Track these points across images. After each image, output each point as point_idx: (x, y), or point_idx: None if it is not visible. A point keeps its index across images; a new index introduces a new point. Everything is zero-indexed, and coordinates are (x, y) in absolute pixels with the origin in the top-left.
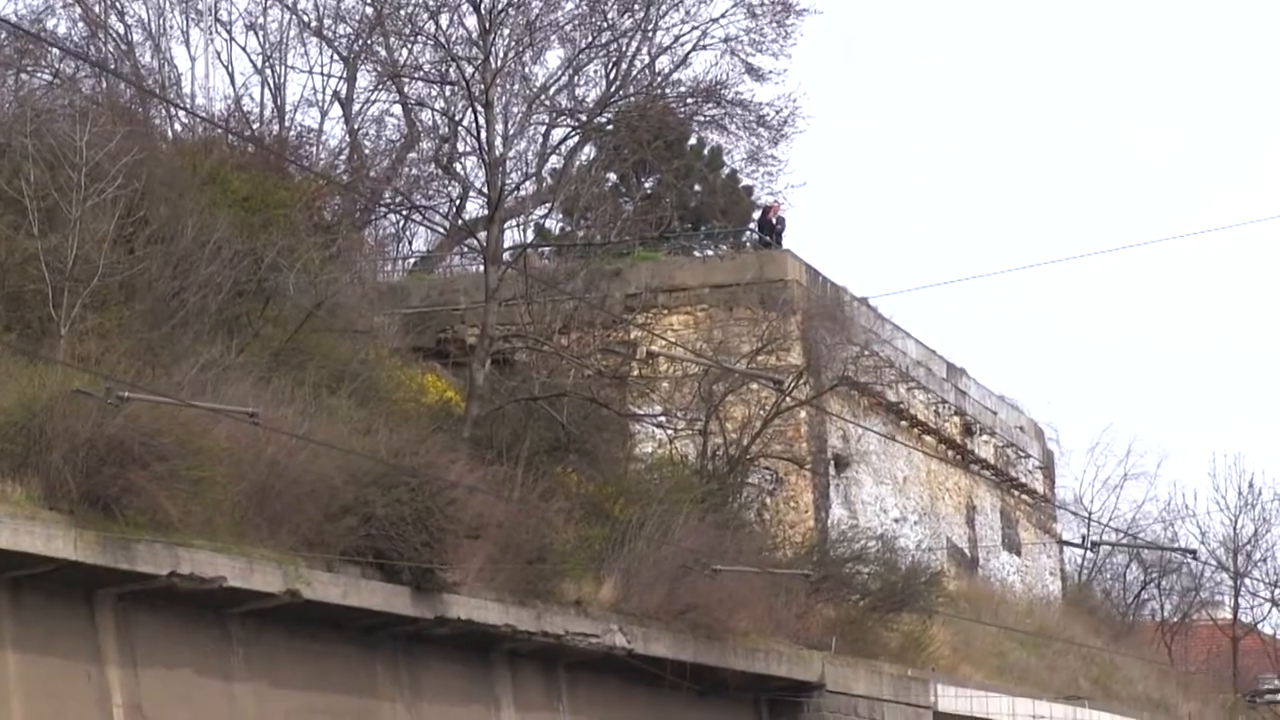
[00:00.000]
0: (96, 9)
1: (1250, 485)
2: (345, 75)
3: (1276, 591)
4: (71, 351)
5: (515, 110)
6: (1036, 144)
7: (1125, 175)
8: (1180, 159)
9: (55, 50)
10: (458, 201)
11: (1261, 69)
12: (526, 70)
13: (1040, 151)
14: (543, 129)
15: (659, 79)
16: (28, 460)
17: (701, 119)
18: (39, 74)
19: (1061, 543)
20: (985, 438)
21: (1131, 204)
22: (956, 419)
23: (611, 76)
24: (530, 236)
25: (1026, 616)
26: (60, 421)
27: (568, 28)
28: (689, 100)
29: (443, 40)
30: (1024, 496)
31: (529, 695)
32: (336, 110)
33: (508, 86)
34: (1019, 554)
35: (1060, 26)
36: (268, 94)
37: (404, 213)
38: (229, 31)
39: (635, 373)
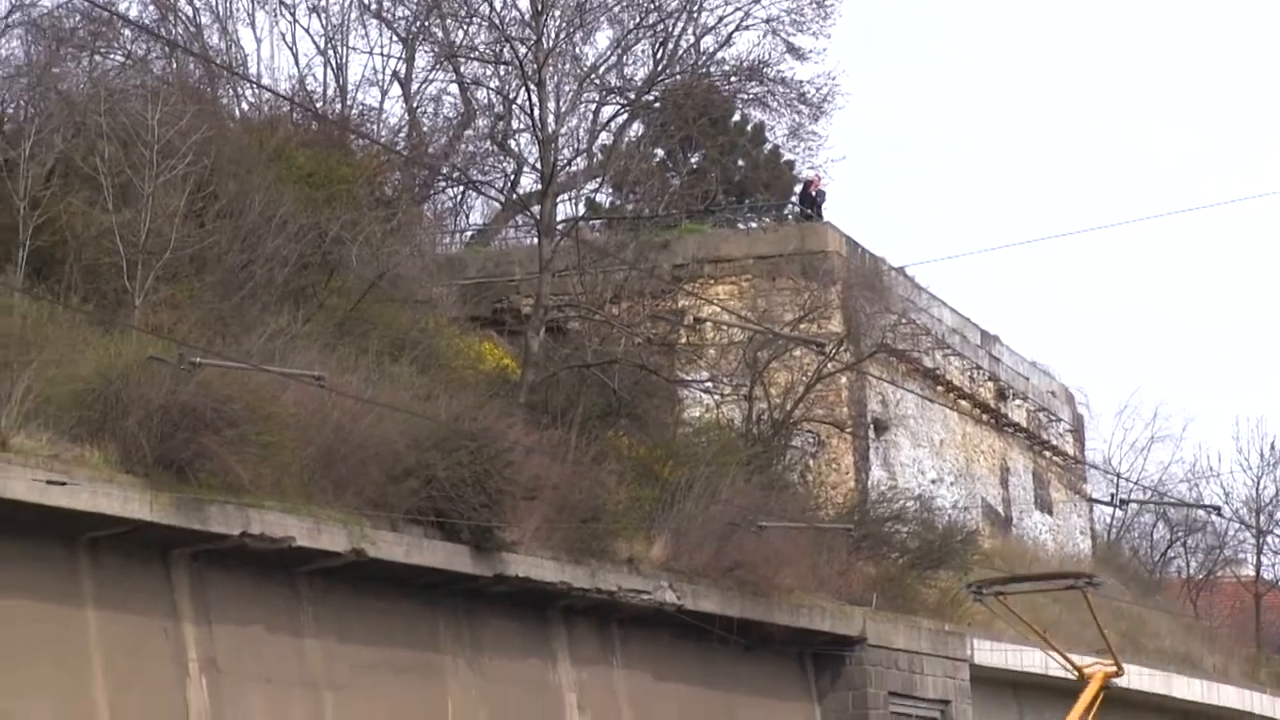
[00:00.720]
0: None
1: (1272, 447)
2: (404, 56)
3: None
4: (145, 321)
5: (567, 89)
6: (1049, 135)
7: (1137, 168)
8: (1191, 156)
9: (128, 32)
10: (512, 176)
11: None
12: (577, 50)
13: (1054, 142)
14: (593, 107)
15: (704, 58)
16: (105, 426)
17: (745, 97)
18: (112, 55)
19: (1091, 502)
20: (1018, 402)
21: (1147, 191)
22: (990, 384)
23: (659, 56)
24: (582, 210)
25: (1061, 572)
26: (135, 388)
27: (616, 9)
28: (733, 79)
29: (497, 22)
30: (1055, 458)
31: (584, 649)
32: (396, 89)
33: (559, 66)
34: (1051, 513)
35: (1076, 22)
36: (330, 74)
37: (461, 187)
38: (293, 14)
39: (683, 340)
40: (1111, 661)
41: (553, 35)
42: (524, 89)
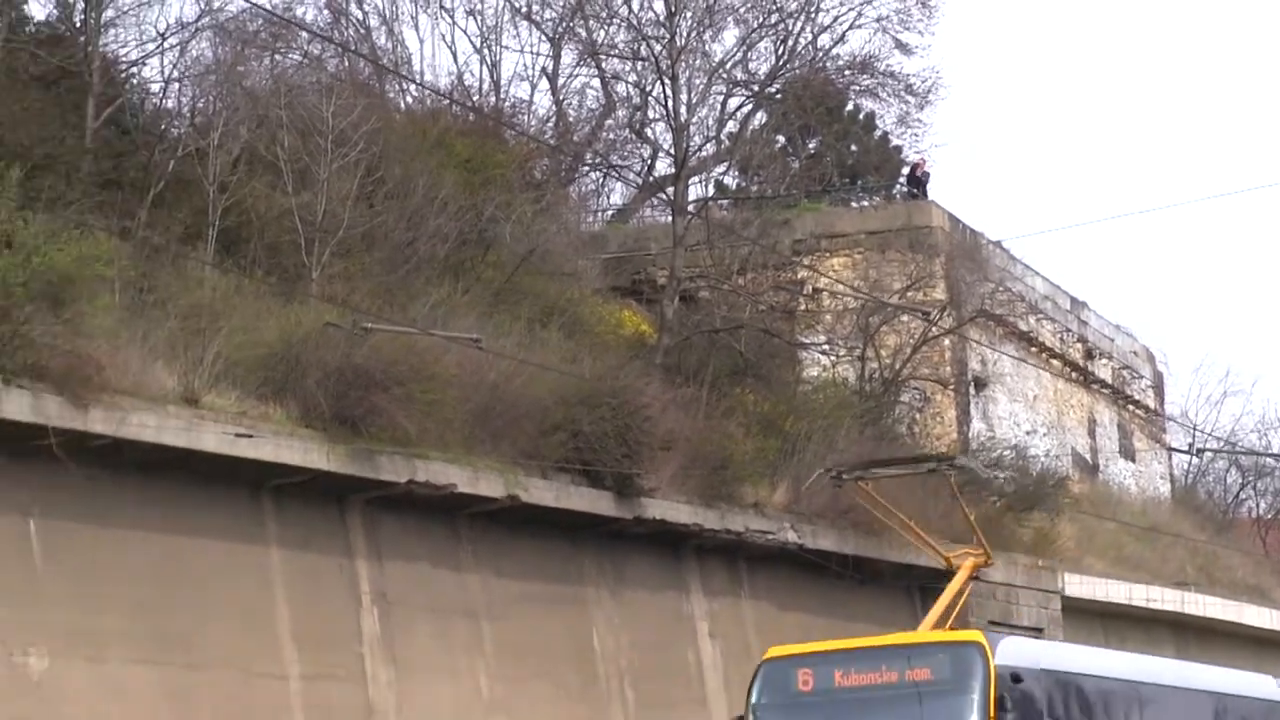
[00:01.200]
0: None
1: None
2: (551, 53)
3: None
4: (322, 292)
5: (697, 82)
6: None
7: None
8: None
9: (304, 34)
10: (648, 161)
11: None
12: (707, 47)
13: (1135, 119)
14: (721, 98)
15: (820, 54)
16: (286, 385)
17: (857, 88)
18: (291, 55)
19: (1170, 450)
20: (1104, 361)
21: (1219, 166)
22: (1079, 345)
23: (780, 52)
24: (711, 191)
25: (1140, 514)
26: (314, 352)
27: (742, 10)
28: (846, 72)
29: (634, 22)
30: (1137, 411)
31: (714, 584)
32: (544, 84)
33: (690, 62)
34: (1134, 461)
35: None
36: (485, 71)
37: (603, 172)
38: (451, 17)
39: (802, 308)
40: (980, 550)
41: (685, 34)
42: (659, 83)
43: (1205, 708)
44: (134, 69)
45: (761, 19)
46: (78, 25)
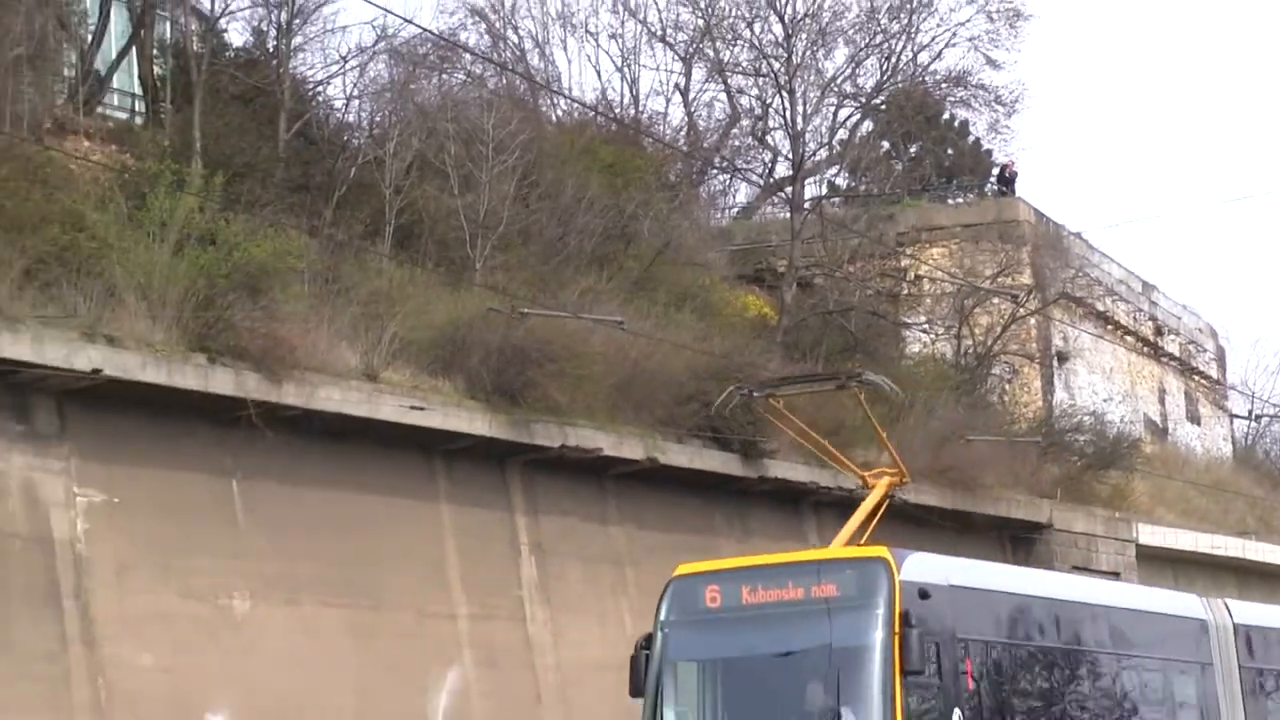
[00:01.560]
0: (497, 24)
1: None
2: (683, 71)
3: None
4: (484, 281)
5: (812, 95)
6: (1198, 109)
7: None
8: None
9: (467, 55)
10: (769, 165)
11: None
12: (820, 65)
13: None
14: (832, 109)
15: (920, 69)
16: (453, 363)
17: (952, 99)
18: (456, 74)
19: (1231, 415)
20: (1172, 337)
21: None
22: (1149, 323)
23: (884, 68)
24: (824, 190)
25: (1205, 472)
26: (477, 334)
27: (851, 31)
28: (942, 85)
29: (756, 43)
30: (1202, 381)
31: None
32: (677, 98)
33: (806, 77)
34: (1199, 424)
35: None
36: (625, 86)
37: (729, 174)
38: (596, 40)
39: (905, 292)
40: (896, 470)
41: (800, 53)
42: (778, 96)
43: (1123, 624)
44: (320, 88)
45: (868, 39)
46: (271, 50)
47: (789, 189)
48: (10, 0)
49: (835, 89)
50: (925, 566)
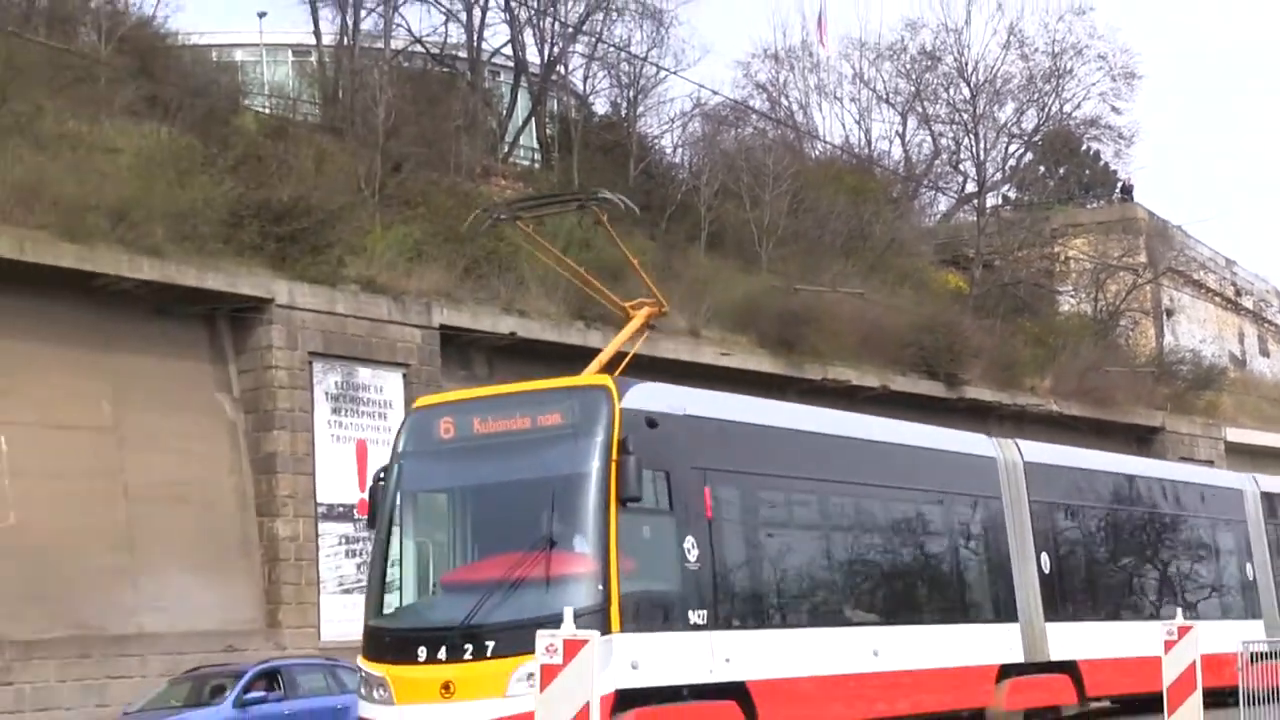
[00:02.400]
0: (774, 93)
1: None
2: (901, 122)
3: None
4: (768, 268)
5: (989, 136)
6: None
7: None
8: None
9: (754, 114)
10: (961, 184)
11: None
12: (995, 115)
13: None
14: (1005, 145)
15: (1065, 116)
16: (749, 323)
17: (1088, 136)
18: (746, 128)
19: None
20: (1248, 297)
21: None
22: (1231, 287)
23: (1040, 116)
24: (1000, 201)
25: (1274, 389)
26: (764, 304)
27: (1016, 92)
28: (1081, 126)
29: (950, 101)
30: (1270, 325)
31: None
32: (897, 140)
33: (985, 124)
34: (1269, 358)
35: None
36: (862, 134)
37: (933, 191)
38: (842, 103)
39: (1057, 269)
40: (654, 300)
41: (982, 107)
42: (967, 137)
43: (900, 460)
44: (656, 140)
45: (1029, 96)
46: (623, 116)
47: (975, 200)
48: (452, 89)
49: (1006, 131)
50: (656, 396)
